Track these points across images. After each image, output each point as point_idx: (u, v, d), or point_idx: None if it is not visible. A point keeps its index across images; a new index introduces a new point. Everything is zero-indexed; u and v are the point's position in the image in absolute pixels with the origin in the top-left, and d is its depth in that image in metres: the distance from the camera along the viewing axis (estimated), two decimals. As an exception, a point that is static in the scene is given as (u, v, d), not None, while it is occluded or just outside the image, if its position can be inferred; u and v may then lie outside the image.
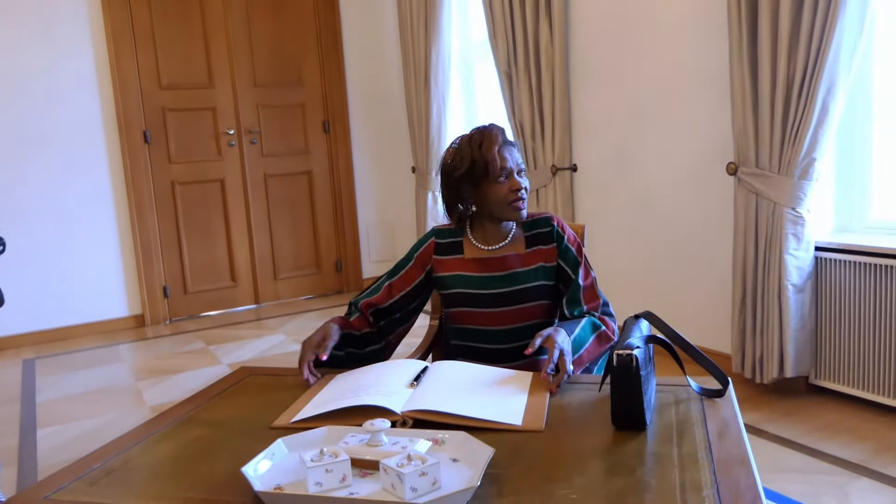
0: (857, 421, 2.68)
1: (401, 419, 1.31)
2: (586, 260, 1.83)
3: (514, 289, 1.78)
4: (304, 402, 1.44)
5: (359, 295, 1.90)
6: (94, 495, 1.13)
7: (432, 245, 1.88)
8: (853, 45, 2.53)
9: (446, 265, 1.85)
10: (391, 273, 1.89)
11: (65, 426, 3.13)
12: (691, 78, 3.21)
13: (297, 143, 5.15)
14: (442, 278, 1.85)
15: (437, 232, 1.91)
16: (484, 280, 1.80)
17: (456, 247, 1.86)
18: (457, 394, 1.40)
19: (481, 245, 1.83)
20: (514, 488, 1.06)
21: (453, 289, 1.82)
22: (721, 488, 1.02)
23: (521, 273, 1.79)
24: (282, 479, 1.11)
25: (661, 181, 3.43)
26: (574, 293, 1.79)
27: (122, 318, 4.71)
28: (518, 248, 1.82)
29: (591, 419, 1.31)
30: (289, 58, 5.05)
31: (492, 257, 1.81)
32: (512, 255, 1.81)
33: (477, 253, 1.83)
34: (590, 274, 1.82)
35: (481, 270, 1.80)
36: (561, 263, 1.81)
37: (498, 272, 1.79)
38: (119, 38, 4.49)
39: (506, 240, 1.83)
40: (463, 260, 1.83)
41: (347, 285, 5.42)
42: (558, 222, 1.84)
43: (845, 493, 2.20)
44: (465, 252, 1.84)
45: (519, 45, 3.89)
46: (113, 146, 4.56)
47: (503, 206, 1.77)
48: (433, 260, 1.87)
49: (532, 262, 1.80)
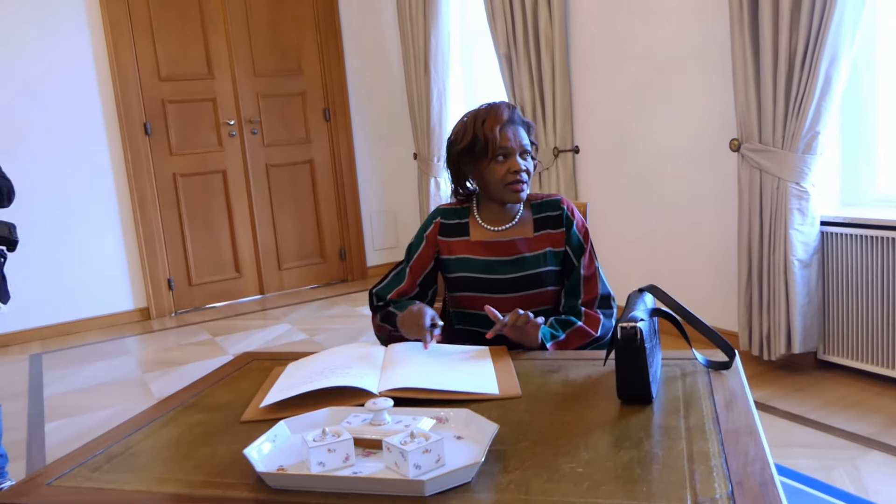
0: (866, 395, 2.66)
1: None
2: (592, 248, 1.78)
3: (521, 274, 1.74)
4: (266, 392, 1.41)
5: (378, 286, 1.85)
6: (97, 480, 1.12)
7: (438, 226, 1.84)
8: (856, 15, 2.49)
9: (451, 247, 1.81)
10: (407, 259, 1.86)
11: (73, 419, 3.14)
12: (692, 55, 3.18)
13: (298, 132, 5.13)
14: (447, 261, 1.82)
15: (442, 212, 1.86)
16: (491, 264, 1.76)
17: (462, 228, 1.82)
18: (428, 371, 1.40)
19: (487, 226, 1.79)
20: (520, 463, 1.05)
21: (458, 272, 1.79)
22: (729, 458, 1.01)
23: (530, 258, 1.75)
24: (284, 460, 1.11)
25: (665, 160, 3.40)
26: (574, 282, 1.75)
27: (128, 312, 4.71)
28: (526, 230, 1.78)
29: (596, 394, 1.29)
30: (288, 46, 5.02)
31: (499, 241, 1.77)
32: (520, 238, 1.76)
33: (483, 235, 1.79)
34: (593, 263, 1.77)
35: (488, 254, 1.77)
36: (568, 250, 1.77)
37: (505, 256, 1.75)
38: (117, 31, 4.47)
39: (513, 221, 1.79)
40: (469, 242, 1.79)
41: (352, 274, 5.41)
42: (568, 206, 1.79)
43: (856, 466, 2.19)
44: (472, 234, 1.80)
45: (518, 27, 3.86)
46: (114, 139, 4.55)
47: (500, 188, 1.73)
48: (438, 241, 1.83)
49: (540, 246, 1.76)
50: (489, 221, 1.80)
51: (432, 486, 0.97)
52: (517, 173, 1.71)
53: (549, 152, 3.89)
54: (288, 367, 1.54)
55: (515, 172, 1.71)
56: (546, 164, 3.92)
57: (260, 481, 1.05)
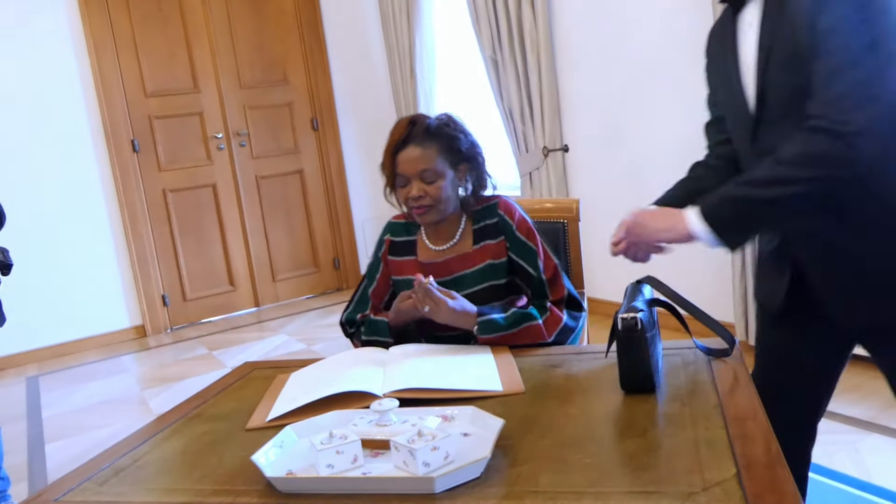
0: (862, 379, 2.68)
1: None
2: (544, 247, 1.65)
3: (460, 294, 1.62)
4: (272, 400, 1.41)
5: (346, 311, 1.78)
6: (105, 494, 1.11)
7: (388, 244, 1.77)
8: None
9: (400, 268, 1.73)
10: (369, 279, 1.78)
11: (73, 439, 3.12)
12: (678, 50, 3.20)
13: (287, 142, 5.13)
14: (397, 282, 1.73)
15: (392, 228, 1.78)
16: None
17: (410, 247, 1.74)
18: (430, 370, 1.40)
19: (432, 245, 1.71)
20: (528, 457, 1.05)
21: (403, 292, 1.68)
22: (735, 442, 1.01)
23: (468, 276, 1.65)
24: (293, 464, 1.11)
25: (655, 155, 3.42)
26: (537, 287, 1.63)
27: (123, 330, 4.69)
28: (466, 245, 1.68)
29: (599, 386, 1.30)
30: (273, 57, 5.02)
31: (437, 262, 1.68)
32: (455, 257, 1.67)
33: (428, 255, 1.71)
34: (551, 261, 1.65)
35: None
36: (513, 257, 1.64)
37: (444, 277, 1.65)
38: (100, 48, 4.46)
39: (455, 237, 1.68)
40: (415, 263, 1.71)
41: (347, 282, 5.40)
42: (505, 208, 1.67)
43: (857, 450, 2.21)
44: (419, 254, 1.72)
45: (503, 29, 3.87)
46: (102, 157, 4.53)
47: (410, 211, 1.66)
48: (389, 261, 1.76)
49: (479, 260, 1.65)
50: (434, 239, 1.71)
51: (442, 482, 0.97)
52: (415, 199, 1.62)
53: (538, 153, 3.90)
54: (291, 377, 1.53)
55: (413, 199, 1.62)
56: (536, 164, 3.93)
57: (269, 487, 1.05)
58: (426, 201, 1.61)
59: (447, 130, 1.65)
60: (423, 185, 1.61)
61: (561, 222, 2.02)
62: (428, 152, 1.61)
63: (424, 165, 1.60)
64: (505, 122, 4.07)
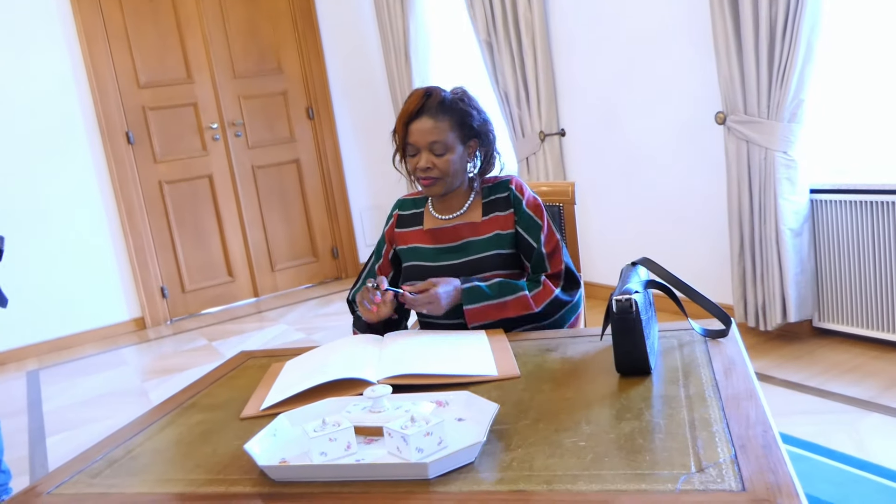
0: (863, 359, 2.68)
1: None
2: (549, 223, 1.70)
3: (465, 260, 1.68)
4: (266, 389, 1.40)
5: (353, 288, 1.83)
6: (98, 486, 1.11)
7: (395, 219, 1.82)
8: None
9: (406, 238, 1.78)
10: (376, 258, 1.84)
11: (73, 432, 3.12)
12: (673, 31, 3.17)
13: (283, 132, 5.10)
14: (401, 251, 1.79)
15: (401, 203, 1.85)
16: (435, 252, 1.72)
17: (417, 218, 1.79)
18: (425, 356, 1.39)
19: (439, 215, 1.75)
20: (522, 441, 1.04)
21: (409, 261, 1.76)
22: (731, 423, 1.00)
23: (475, 243, 1.69)
24: (286, 453, 1.10)
25: (652, 137, 3.40)
26: (537, 260, 1.67)
27: (123, 323, 4.69)
28: (475, 216, 1.72)
29: (595, 369, 1.29)
30: (266, 46, 4.99)
31: (445, 227, 1.72)
32: (465, 224, 1.71)
33: (434, 223, 1.75)
34: (554, 237, 1.69)
35: (434, 242, 1.73)
36: (520, 230, 1.69)
37: (451, 243, 1.70)
38: (92, 40, 4.42)
39: (463, 208, 1.73)
40: (421, 232, 1.76)
41: (346, 271, 5.39)
42: (516, 185, 1.72)
43: (856, 429, 2.20)
44: (425, 223, 1.77)
45: (497, 12, 3.84)
46: (97, 150, 4.51)
47: (417, 181, 1.69)
48: (395, 234, 1.81)
49: (487, 230, 1.69)
50: (441, 210, 1.76)
51: (436, 467, 0.97)
52: (423, 170, 1.66)
53: (535, 137, 3.88)
54: (286, 365, 1.53)
55: (420, 169, 1.66)
56: (533, 148, 3.91)
57: (262, 475, 1.04)
58: (434, 173, 1.65)
59: (461, 105, 1.68)
60: (432, 156, 1.64)
61: (557, 205, 2.00)
62: (440, 125, 1.63)
63: (435, 138, 1.63)
64: (501, 107, 4.04)
